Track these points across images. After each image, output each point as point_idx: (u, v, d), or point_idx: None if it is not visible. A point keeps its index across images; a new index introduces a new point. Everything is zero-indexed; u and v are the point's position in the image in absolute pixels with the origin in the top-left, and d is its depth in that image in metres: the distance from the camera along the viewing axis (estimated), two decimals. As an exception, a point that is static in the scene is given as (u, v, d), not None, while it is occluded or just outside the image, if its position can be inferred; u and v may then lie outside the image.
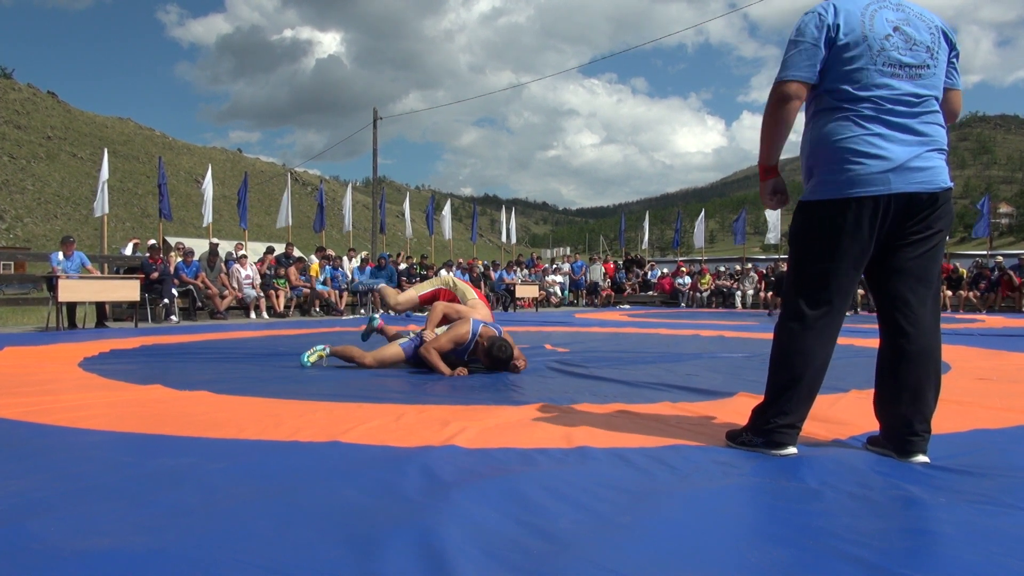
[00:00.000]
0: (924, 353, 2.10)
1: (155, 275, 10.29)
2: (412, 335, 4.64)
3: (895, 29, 2.08)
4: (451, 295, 5.12)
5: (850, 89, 2.07)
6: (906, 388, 2.09)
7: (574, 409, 2.97)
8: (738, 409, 2.96)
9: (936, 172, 2.07)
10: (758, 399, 3.09)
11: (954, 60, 2.19)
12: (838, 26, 2.07)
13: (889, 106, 2.05)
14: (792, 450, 2.16)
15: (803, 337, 2.14)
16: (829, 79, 2.11)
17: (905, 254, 2.11)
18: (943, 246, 2.18)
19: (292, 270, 12.93)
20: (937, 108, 2.12)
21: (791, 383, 2.14)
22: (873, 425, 2.27)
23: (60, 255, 9.19)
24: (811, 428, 2.52)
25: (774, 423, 2.16)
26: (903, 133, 2.06)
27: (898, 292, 2.13)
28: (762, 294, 16.72)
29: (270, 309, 12.06)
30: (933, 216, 2.08)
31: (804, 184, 2.22)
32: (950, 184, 2.11)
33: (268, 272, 12.57)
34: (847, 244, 2.09)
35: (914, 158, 2.04)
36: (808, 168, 2.19)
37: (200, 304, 11.37)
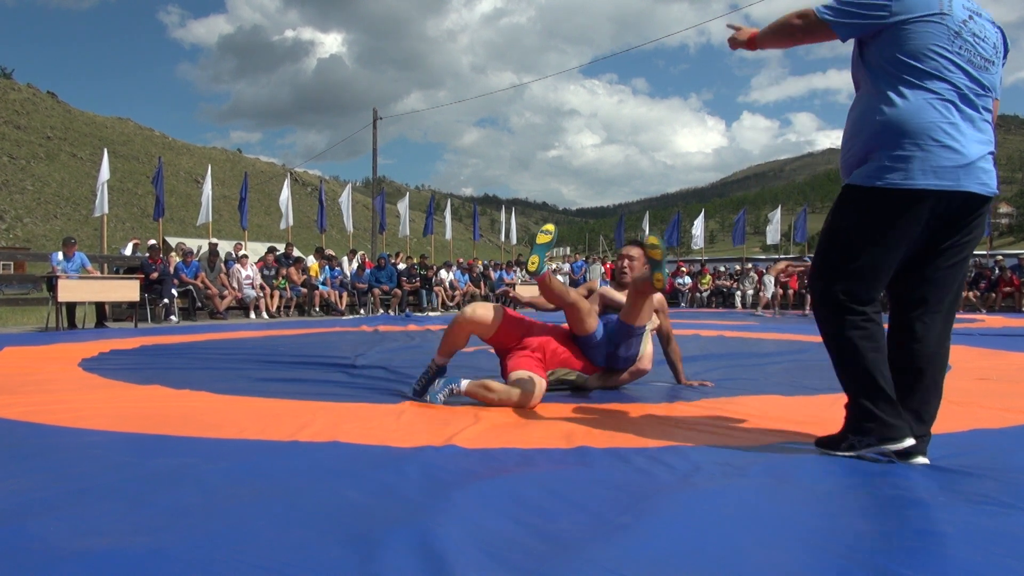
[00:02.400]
0: (932, 358, 2.06)
1: (155, 275, 10.30)
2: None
3: (969, 17, 2.00)
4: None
5: (925, 68, 1.94)
6: (910, 392, 2.06)
7: (574, 409, 2.97)
8: (738, 409, 2.96)
9: (993, 175, 2.01)
10: (757, 399, 3.09)
11: (1001, 66, 2.10)
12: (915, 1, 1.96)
13: (967, 94, 1.95)
14: (910, 440, 1.96)
15: (853, 326, 2.03)
16: (905, 50, 1.96)
17: (939, 261, 2.04)
18: (971, 254, 2.11)
19: (293, 270, 12.95)
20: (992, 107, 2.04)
21: (864, 371, 2.01)
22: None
23: (60, 255, 9.20)
24: (811, 428, 2.52)
25: (877, 414, 1.99)
26: (974, 128, 1.97)
27: (921, 296, 2.06)
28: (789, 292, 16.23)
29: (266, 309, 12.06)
30: (975, 221, 2.02)
31: (851, 166, 2.07)
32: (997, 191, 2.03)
33: (268, 272, 12.58)
34: (901, 237, 1.97)
35: (981, 157, 1.96)
36: (865, 147, 2.01)
37: (200, 304, 11.38)
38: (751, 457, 2.12)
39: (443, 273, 16.06)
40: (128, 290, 9.25)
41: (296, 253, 14.39)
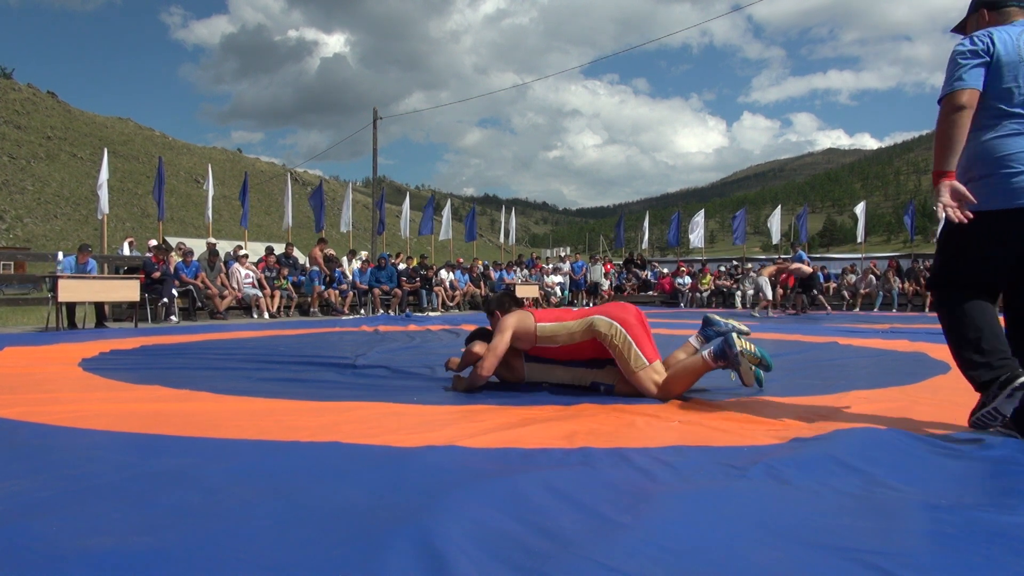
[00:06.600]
0: None
1: (156, 274, 10.30)
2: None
3: None
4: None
5: (1008, 106, 2.29)
6: None
7: (575, 409, 2.97)
8: (739, 409, 2.96)
9: None
10: (758, 399, 3.09)
11: None
12: (992, 51, 2.30)
13: None
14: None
15: (963, 307, 2.40)
16: (987, 96, 2.31)
17: None
18: None
19: (316, 250, 13.38)
20: None
21: (972, 342, 2.34)
22: (872, 424, 2.26)
23: (73, 260, 9.28)
24: (811, 428, 2.52)
25: (987, 374, 2.28)
26: None
27: None
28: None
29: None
30: None
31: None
32: None
33: (269, 272, 12.60)
34: (995, 249, 2.32)
35: None
36: (966, 179, 2.35)
37: (200, 304, 11.38)
38: (751, 457, 2.12)
39: (443, 273, 16.07)
40: (128, 290, 9.25)
41: (296, 253, 14.43)
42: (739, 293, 17.78)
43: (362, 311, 13.65)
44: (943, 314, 2.49)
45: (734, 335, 3.13)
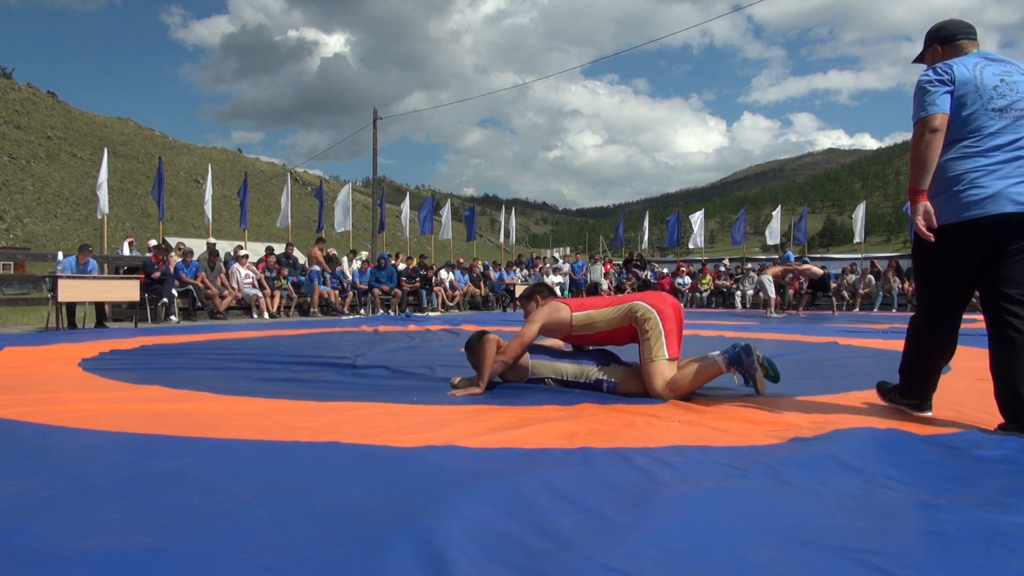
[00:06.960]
0: None
1: (156, 274, 10.31)
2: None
3: (1001, 81, 2.50)
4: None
5: (962, 130, 2.48)
6: (1021, 374, 2.39)
7: (576, 410, 2.97)
8: (738, 409, 2.96)
9: None
10: (757, 399, 3.09)
11: None
12: (954, 80, 2.49)
13: (995, 142, 2.44)
14: (929, 413, 2.83)
15: (928, 347, 2.72)
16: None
17: (1006, 264, 2.47)
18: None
19: (316, 249, 13.47)
20: None
21: (914, 373, 2.77)
22: (872, 424, 2.26)
23: (73, 260, 9.27)
24: (811, 428, 2.52)
25: (909, 395, 2.83)
26: (1004, 166, 2.43)
27: (1003, 294, 2.47)
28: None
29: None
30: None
31: None
32: None
33: (269, 273, 12.60)
34: (953, 259, 2.52)
35: (1010, 186, 2.42)
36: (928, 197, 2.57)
37: (200, 304, 11.38)
38: (751, 457, 2.12)
39: (443, 273, 16.07)
40: (128, 290, 9.25)
41: (296, 253, 14.43)
42: (739, 293, 17.78)
43: (362, 311, 13.65)
44: (916, 331, 2.77)
45: (752, 345, 3.16)
